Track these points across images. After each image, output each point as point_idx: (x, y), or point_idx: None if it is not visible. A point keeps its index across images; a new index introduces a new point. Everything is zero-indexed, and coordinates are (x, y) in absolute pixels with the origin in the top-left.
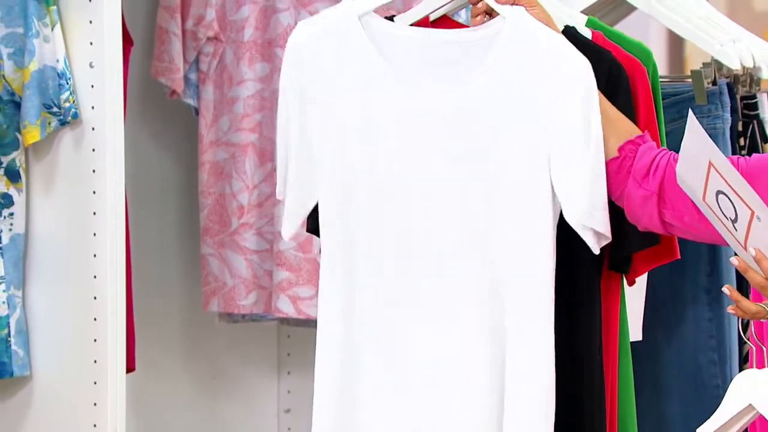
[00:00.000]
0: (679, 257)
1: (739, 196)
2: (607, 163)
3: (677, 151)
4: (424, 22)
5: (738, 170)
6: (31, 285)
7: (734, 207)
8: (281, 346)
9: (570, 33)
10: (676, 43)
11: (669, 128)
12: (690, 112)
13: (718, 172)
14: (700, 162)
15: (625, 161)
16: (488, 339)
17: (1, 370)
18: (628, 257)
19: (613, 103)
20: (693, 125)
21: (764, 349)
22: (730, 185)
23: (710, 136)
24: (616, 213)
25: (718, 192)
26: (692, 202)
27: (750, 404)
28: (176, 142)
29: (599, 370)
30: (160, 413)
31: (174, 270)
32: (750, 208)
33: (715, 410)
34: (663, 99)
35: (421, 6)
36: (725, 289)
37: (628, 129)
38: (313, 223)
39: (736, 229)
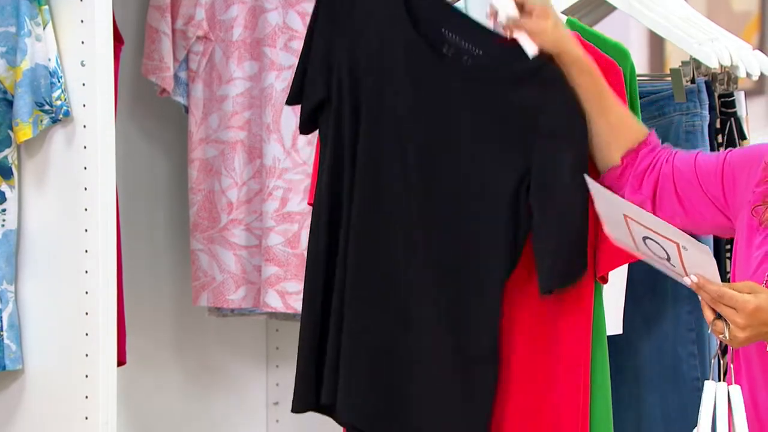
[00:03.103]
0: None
1: (660, 234)
2: (609, 171)
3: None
4: None
5: (723, 165)
6: (24, 280)
7: (662, 246)
8: (270, 340)
9: None
10: (656, 43)
11: (649, 126)
12: (587, 177)
13: (634, 220)
14: (618, 218)
15: (626, 170)
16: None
17: None
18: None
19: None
20: (595, 189)
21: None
22: (649, 228)
23: (689, 133)
24: None
25: (644, 238)
26: (685, 200)
27: None
28: (166, 140)
29: (575, 366)
30: (151, 406)
31: (164, 265)
32: (674, 242)
33: (695, 402)
34: (643, 97)
35: None
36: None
37: (631, 136)
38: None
39: (674, 266)
